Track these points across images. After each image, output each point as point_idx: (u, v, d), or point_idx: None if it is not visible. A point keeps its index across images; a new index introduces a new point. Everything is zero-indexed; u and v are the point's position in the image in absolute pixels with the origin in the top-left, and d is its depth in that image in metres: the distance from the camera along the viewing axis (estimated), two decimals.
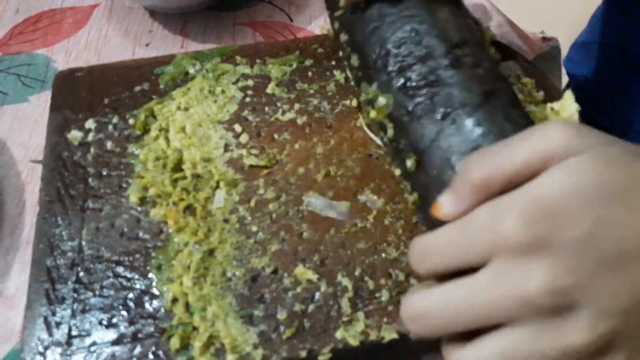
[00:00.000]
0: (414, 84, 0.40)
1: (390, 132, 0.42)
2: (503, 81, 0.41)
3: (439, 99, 0.39)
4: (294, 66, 0.55)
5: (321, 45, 0.57)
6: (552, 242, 0.28)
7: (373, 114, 0.43)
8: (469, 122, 0.37)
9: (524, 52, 0.59)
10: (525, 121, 0.38)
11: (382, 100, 0.42)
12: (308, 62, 0.56)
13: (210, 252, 0.43)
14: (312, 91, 0.54)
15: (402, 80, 0.41)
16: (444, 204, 0.32)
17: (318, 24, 0.65)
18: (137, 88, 0.53)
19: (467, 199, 0.31)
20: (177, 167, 0.47)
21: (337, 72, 0.55)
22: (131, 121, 0.51)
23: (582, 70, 0.60)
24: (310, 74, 0.55)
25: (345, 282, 0.42)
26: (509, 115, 0.38)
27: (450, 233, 0.31)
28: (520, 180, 0.30)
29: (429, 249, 0.32)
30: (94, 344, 0.40)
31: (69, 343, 0.40)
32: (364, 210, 0.46)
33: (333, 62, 0.56)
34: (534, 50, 0.60)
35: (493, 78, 0.40)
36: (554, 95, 0.51)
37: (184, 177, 0.47)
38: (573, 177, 0.28)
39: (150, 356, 0.40)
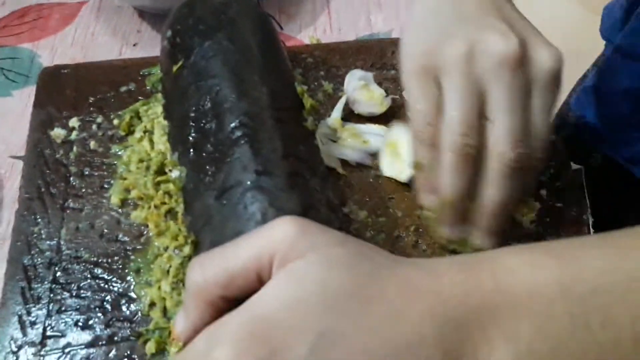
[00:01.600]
0: (203, 158, 0.40)
1: (181, 207, 0.42)
2: (286, 158, 0.39)
3: (219, 176, 0.38)
4: None
5: (310, 54, 0.58)
6: None
7: (170, 186, 0.44)
8: (237, 205, 0.36)
9: None
10: (291, 206, 0.36)
11: (175, 173, 0.42)
12: (297, 72, 0.56)
13: (190, 258, 0.43)
14: None
15: (194, 154, 0.41)
16: (176, 323, 0.30)
17: (308, 33, 0.65)
18: (123, 88, 0.53)
19: (191, 313, 0.29)
20: (161, 170, 0.47)
21: (325, 82, 0.56)
22: (116, 121, 0.50)
23: (592, 112, 0.60)
24: (299, 77, 0.55)
25: None
26: (275, 200, 0.36)
27: None
28: (248, 284, 0.28)
29: None
30: (68, 345, 0.40)
31: (42, 343, 0.40)
32: (346, 221, 0.47)
33: (322, 72, 0.57)
34: None
35: (274, 155, 0.38)
36: None
37: (167, 181, 0.46)
38: (294, 285, 0.27)
39: (125, 359, 0.39)
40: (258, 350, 0.25)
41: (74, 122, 0.50)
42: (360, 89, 0.52)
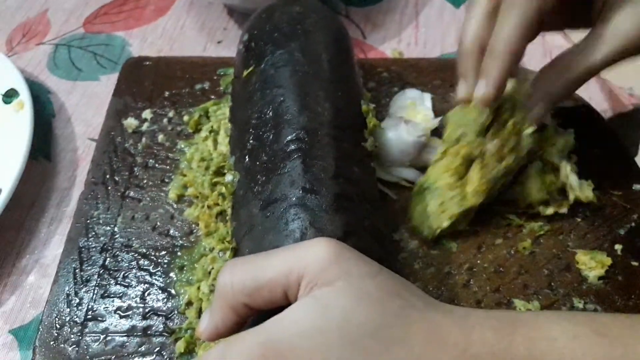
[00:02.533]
0: (257, 167, 0.39)
1: (230, 211, 0.41)
2: (336, 178, 0.37)
3: (268, 187, 0.37)
4: None
5: (387, 69, 0.56)
6: None
7: (224, 188, 0.43)
8: (279, 219, 0.35)
9: (602, 109, 0.55)
10: (332, 229, 0.35)
11: (229, 177, 0.42)
12: (370, 85, 0.55)
13: None
14: None
15: (249, 160, 0.40)
16: (201, 321, 0.30)
17: (391, 45, 0.64)
18: (198, 86, 0.54)
19: (216, 314, 0.29)
20: (219, 171, 0.48)
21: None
22: (185, 118, 0.52)
23: None
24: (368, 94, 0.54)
25: None
26: (317, 220, 0.35)
27: None
28: (274, 298, 0.27)
29: None
30: (106, 330, 0.41)
31: (84, 324, 0.41)
32: (395, 248, 0.45)
33: (396, 89, 0.55)
34: (616, 108, 0.56)
35: (325, 174, 0.37)
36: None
37: (223, 183, 0.47)
38: (317, 313, 0.25)
39: (155, 355, 0.40)
40: None
41: (147, 113, 0.52)
42: (406, 108, 0.50)
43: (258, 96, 0.44)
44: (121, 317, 0.42)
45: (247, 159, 0.42)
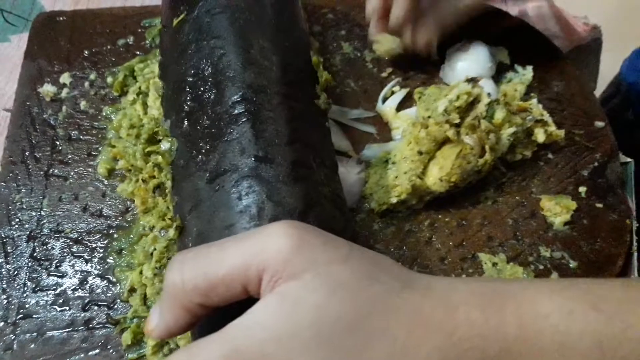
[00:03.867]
0: (198, 132, 0.35)
1: (169, 184, 0.36)
2: (292, 144, 0.34)
3: (214, 156, 0.33)
4: None
5: (332, 10, 0.51)
6: None
7: (160, 158, 0.39)
8: (230, 193, 0.31)
9: (560, 42, 0.52)
10: (292, 201, 0.31)
11: (165, 145, 0.37)
12: (315, 29, 0.50)
13: (176, 242, 0.40)
14: None
15: (188, 125, 0.35)
16: (151, 318, 0.26)
17: None
18: (121, 41, 0.48)
19: (166, 314, 0.25)
20: (153, 138, 0.43)
21: (345, 44, 0.49)
22: (109, 79, 0.46)
23: None
24: (316, 43, 0.49)
25: None
26: (275, 193, 0.31)
27: None
28: (231, 294, 0.24)
29: None
30: (42, 327, 0.37)
31: (15, 324, 0.37)
32: (352, 211, 0.42)
33: (343, 32, 0.50)
34: (572, 40, 0.53)
35: (278, 138, 0.33)
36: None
37: (158, 152, 0.42)
38: (286, 314, 0.23)
39: (100, 349, 0.37)
40: None
41: (65, 77, 0.46)
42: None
43: (193, 49, 0.38)
44: (58, 311, 0.38)
45: (185, 123, 0.37)
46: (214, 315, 0.26)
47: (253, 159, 0.32)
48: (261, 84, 0.35)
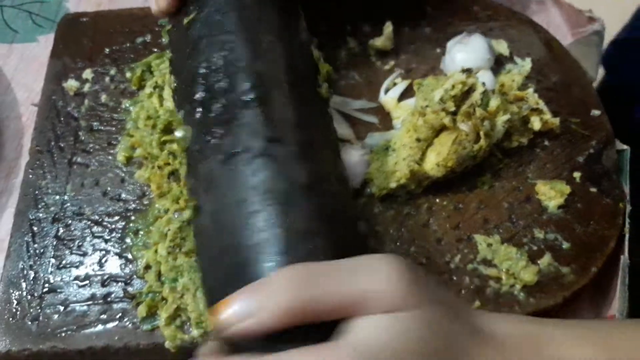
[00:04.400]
0: (211, 118, 0.37)
1: (184, 169, 0.39)
2: (299, 126, 0.36)
3: (227, 139, 0.36)
4: None
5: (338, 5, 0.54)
6: None
7: (174, 146, 0.41)
8: (244, 171, 0.34)
9: (561, 34, 0.54)
10: (301, 178, 0.33)
11: (180, 133, 0.39)
12: (322, 28, 0.53)
13: (189, 223, 0.42)
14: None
15: (202, 112, 0.38)
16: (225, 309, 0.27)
17: None
18: (139, 39, 0.51)
19: (267, 321, 0.26)
20: (167, 128, 0.46)
21: (350, 39, 0.52)
22: (128, 75, 0.49)
23: (624, 68, 0.54)
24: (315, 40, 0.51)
25: None
26: (285, 169, 0.34)
27: None
28: (330, 317, 0.27)
29: None
30: (66, 300, 0.41)
31: (42, 297, 0.41)
32: (355, 194, 0.44)
33: (348, 27, 0.53)
34: (574, 33, 0.54)
35: (287, 122, 0.36)
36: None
37: (173, 141, 0.45)
38: (396, 335, 0.26)
39: (117, 321, 0.40)
40: None
41: (87, 73, 0.50)
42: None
43: (204, 43, 0.41)
44: (79, 286, 0.41)
45: (198, 112, 0.39)
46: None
47: (264, 140, 0.35)
48: (270, 73, 0.38)
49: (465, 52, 0.48)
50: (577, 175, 0.45)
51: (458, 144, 0.42)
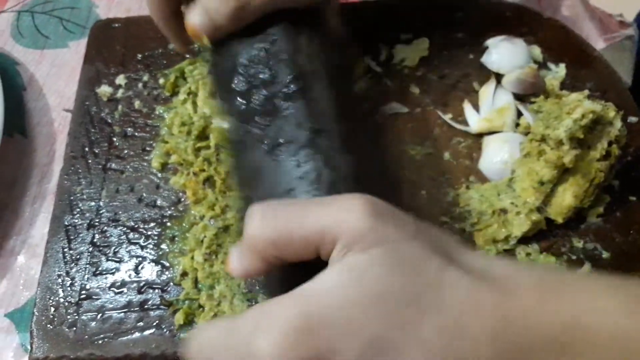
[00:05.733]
0: (253, 109, 0.37)
1: (229, 161, 0.39)
2: (339, 120, 0.36)
3: (271, 130, 0.36)
4: None
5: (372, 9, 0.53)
6: None
7: (215, 137, 0.42)
8: (289, 162, 0.34)
9: (593, 39, 0.53)
10: (346, 169, 0.34)
11: (225, 124, 0.39)
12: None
13: (225, 229, 0.42)
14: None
15: (243, 104, 0.38)
16: (231, 259, 0.29)
17: None
18: (172, 45, 0.51)
19: (245, 260, 0.28)
20: (202, 135, 0.46)
21: (382, 46, 0.52)
22: (161, 81, 0.49)
23: None
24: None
25: None
26: (330, 161, 0.34)
27: (219, 336, 0.27)
28: (304, 253, 0.27)
29: (201, 347, 0.28)
30: (102, 307, 0.41)
31: (79, 304, 0.41)
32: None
33: (382, 35, 0.52)
34: (606, 38, 0.54)
35: (328, 115, 0.36)
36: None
37: (208, 147, 0.45)
38: (353, 284, 0.25)
39: (154, 329, 0.40)
40: (302, 350, 0.24)
41: (120, 79, 0.50)
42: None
43: (244, 39, 0.41)
44: (116, 293, 0.41)
45: (239, 103, 0.39)
46: (281, 269, 0.28)
47: (309, 132, 0.35)
48: (310, 67, 0.38)
49: (512, 52, 0.48)
50: (615, 183, 0.44)
51: (577, 185, 0.40)
